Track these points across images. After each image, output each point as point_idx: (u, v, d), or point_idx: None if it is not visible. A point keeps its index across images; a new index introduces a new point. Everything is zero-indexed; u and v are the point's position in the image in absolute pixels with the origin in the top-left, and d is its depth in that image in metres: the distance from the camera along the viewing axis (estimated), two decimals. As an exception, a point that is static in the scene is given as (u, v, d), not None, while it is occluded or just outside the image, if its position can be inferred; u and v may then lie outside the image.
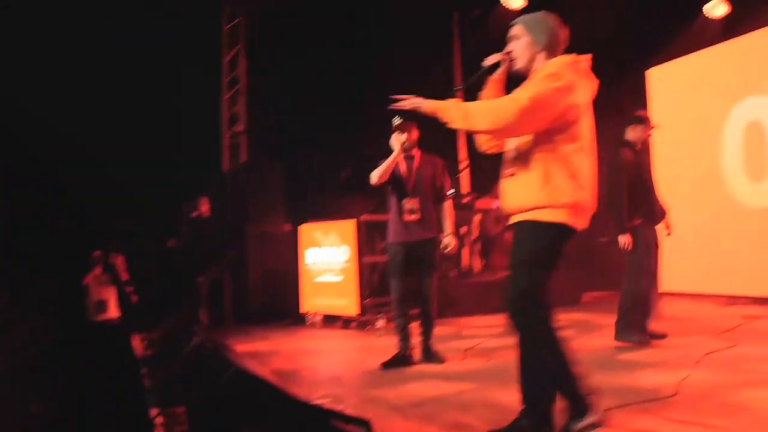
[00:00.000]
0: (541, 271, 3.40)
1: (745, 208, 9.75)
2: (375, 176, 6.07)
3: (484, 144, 3.77)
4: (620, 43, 11.55)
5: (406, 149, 6.20)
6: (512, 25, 3.66)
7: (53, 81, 9.96)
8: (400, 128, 6.18)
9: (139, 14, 10.76)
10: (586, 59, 3.50)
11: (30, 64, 9.77)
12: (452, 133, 3.92)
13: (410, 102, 3.54)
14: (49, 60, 9.90)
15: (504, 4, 12.15)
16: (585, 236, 3.67)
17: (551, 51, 3.53)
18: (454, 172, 9.23)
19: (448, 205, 6.31)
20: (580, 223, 3.46)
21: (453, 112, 3.38)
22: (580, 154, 3.42)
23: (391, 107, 3.61)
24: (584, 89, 3.45)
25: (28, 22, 9.74)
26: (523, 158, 3.45)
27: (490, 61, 3.64)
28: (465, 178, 11.93)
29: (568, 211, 3.39)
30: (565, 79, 3.33)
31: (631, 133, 6.64)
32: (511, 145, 3.57)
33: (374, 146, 7.15)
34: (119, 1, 10.37)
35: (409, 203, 6.11)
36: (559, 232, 3.40)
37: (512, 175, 3.49)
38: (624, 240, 6.33)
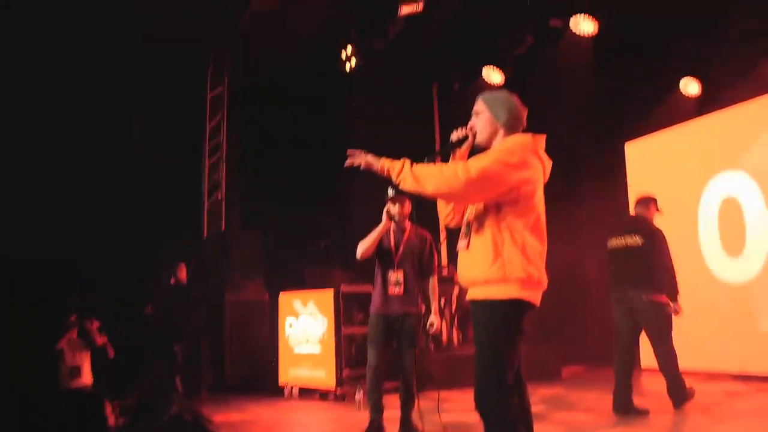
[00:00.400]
0: (502, 351, 3.35)
1: (723, 283, 9.80)
2: (360, 249, 6.08)
3: (443, 216, 3.87)
4: (600, 116, 11.73)
5: (396, 221, 6.25)
6: (476, 101, 3.77)
7: (42, 141, 9.94)
8: (393, 200, 6.22)
9: (123, 75, 10.80)
10: (541, 139, 3.62)
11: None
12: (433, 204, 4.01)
13: (361, 159, 3.56)
14: (33, 119, 9.90)
15: (485, 78, 12.33)
16: (564, 307, 3.71)
17: (510, 128, 3.65)
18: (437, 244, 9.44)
19: (433, 282, 6.25)
20: (536, 297, 3.47)
21: (403, 172, 3.45)
22: (532, 229, 3.47)
23: (345, 165, 3.64)
24: (538, 167, 3.55)
25: None
26: (475, 231, 3.55)
27: (456, 135, 3.75)
28: (443, 250, 12.04)
29: (519, 286, 3.41)
30: (519, 155, 3.44)
31: (649, 212, 7.07)
32: (466, 218, 3.65)
33: (356, 214, 7.18)
34: (108, 62, 10.41)
35: (395, 275, 6.13)
36: (514, 308, 3.40)
37: (466, 248, 3.56)
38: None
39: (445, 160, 3.75)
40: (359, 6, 11.43)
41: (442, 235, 9.14)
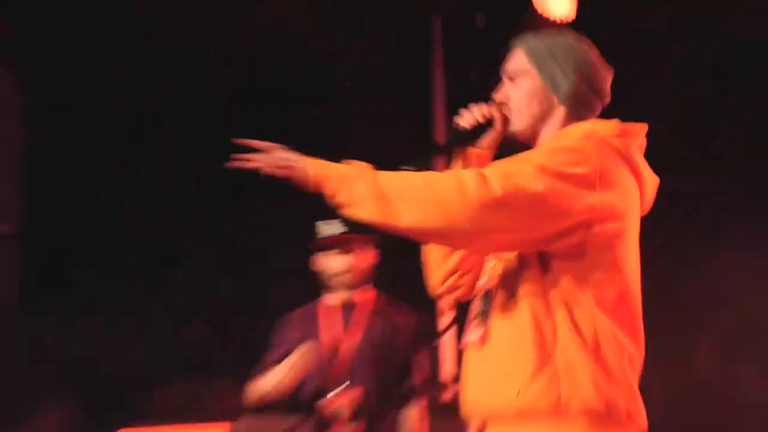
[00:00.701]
0: None
1: None
2: (256, 394, 3.37)
3: (437, 277, 2.14)
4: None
5: (338, 286, 3.45)
6: (510, 50, 2.09)
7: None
8: (335, 244, 3.40)
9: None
10: (638, 132, 2.01)
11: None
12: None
13: (267, 159, 1.91)
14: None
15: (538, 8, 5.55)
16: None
17: (579, 108, 2.03)
18: (430, 338, 6.16)
19: (416, 414, 3.40)
20: None
21: (358, 187, 1.83)
22: (614, 309, 1.89)
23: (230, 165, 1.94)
24: (632, 189, 1.96)
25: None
26: (500, 310, 1.96)
27: (468, 120, 2.04)
28: (449, 348, 6.25)
29: (589, 426, 1.85)
30: (593, 162, 1.86)
31: None
32: (482, 284, 2.07)
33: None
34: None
35: (338, 400, 3.30)
36: None
37: (481, 343, 1.98)
38: None
39: (446, 165, 2.09)
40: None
41: (442, 318, 6.28)
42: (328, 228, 3.41)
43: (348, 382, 3.29)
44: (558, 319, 1.87)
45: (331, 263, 3.42)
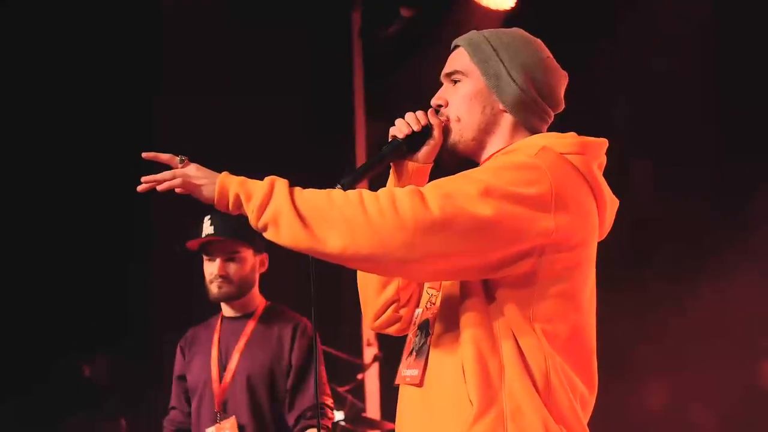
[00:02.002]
0: None
1: None
2: None
3: (371, 308, 1.95)
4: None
5: (221, 296, 3.12)
6: (452, 49, 1.88)
7: None
8: (201, 247, 3.10)
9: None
10: (597, 148, 1.79)
11: None
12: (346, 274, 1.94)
13: (175, 177, 1.73)
14: None
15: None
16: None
17: (529, 116, 1.81)
18: (351, 371, 5.38)
19: None
20: None
21: (272, 204, 1.64)
22: (565, 346, 1.71)
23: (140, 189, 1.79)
24: (591, 211, 1.75)
25: None
26: (440, 346, 1.76)
27: (402, 129, 1.81)
28: (372, 384, 5.86)
29: None
30: (546, 181, 1.65)
31: None
32: (418, 314, 1.88)
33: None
34: None
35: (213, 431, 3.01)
36: None
37: (418, 382, 1.76)
38: None
39: (369, 175, 1.90)
40: None
41: (368, 351, 5.84)
42: (207, 227, 3.09)
43: (220, 413, 3.02)
44: (505, 355, 1.66)
45: (206, 268, 3.11)
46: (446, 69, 1.85)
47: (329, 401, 3.12)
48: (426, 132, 1.81)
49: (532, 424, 1.64)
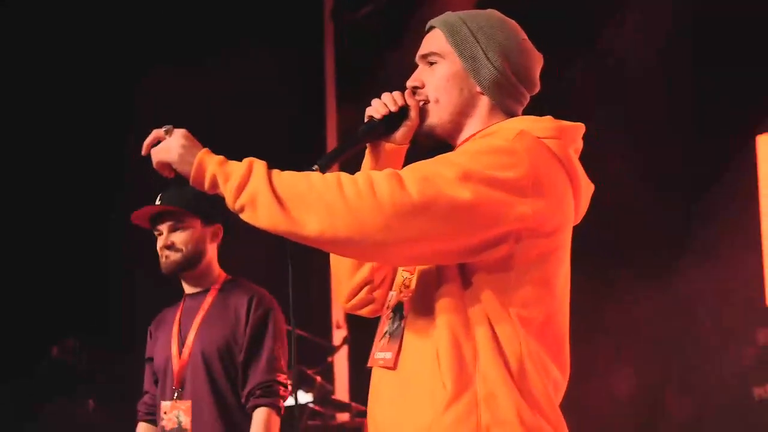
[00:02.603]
0: None
1: None
2: None
3: (344, 288, 1.94)
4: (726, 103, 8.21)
5: (170, 270, 3.07)
6: (427, 30, 1.86)
7: None
8: (148, 217, 3.05)
9: None
10: (574, 132, 1.79)
11: None
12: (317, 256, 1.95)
13: (167, 150, 1.71)
14: None
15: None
16: None
17: (505, 98, 1.82)
18: (322, 352, 5.37)
19: (263, 419, 2.93)
20: None
21: (250, 185, 1.62)
22: (540, 331, 1.72)
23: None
24: (567, 196, 1.75)
25: None
26: (413, 329, 1.76)
27: (378, 109, 1.81)
28: (342, 367, 5.92)
29: None
30: (524, 165, 1.65)
31: None
32: (392, 297, 1.87)
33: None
34: None
35: (171, 415, 2.96)
36: None
37: (392, 365, 1.76)
38: None
39: (346, 155, 1.89)
40: None
41: (337, 334, 5.77)
42: (160, 197, 3.03)
43: (178, 390, 2.97)
44: (479, 340, 1.66)
45: (157, 244, 3.05)
46: (422, 50, 1.83)
47: (282, 377, 2.98)
48: (403, 113, 1.79)
49: (506, 409, 1.64)
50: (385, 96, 1.81)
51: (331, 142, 6.08)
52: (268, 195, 1.59)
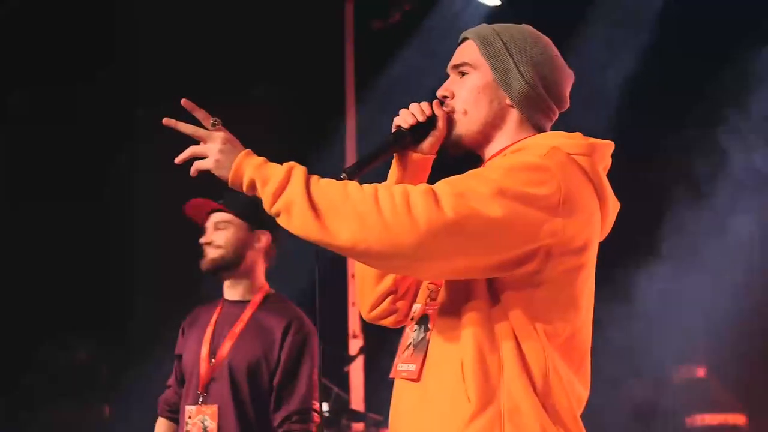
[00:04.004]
0: None
1: None
2: None
3: (367, 298, 1.94)
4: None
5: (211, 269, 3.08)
6: (460, 41, 1.88)
7: None
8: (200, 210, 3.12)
9: None
10: (605, 149, 1.79)
11: None
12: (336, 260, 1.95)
13: (209, 150, 1.70)
14: None
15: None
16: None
17: (532, 114, 1.82)
18: (338, 362, 5.45)
19: None
20: None
21: (288, 192, 1.62)
22: (565, 347, 1.72)
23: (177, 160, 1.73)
24: (595, 213, 1.75)
25: None
26: (440, 341, 1.75)
27: (406, 119, 1.81)
28: (357, 376, 5.87)
29: None
30: (556, 184, 1.65)
31: None
32: (416, 309, 1.86)
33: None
34: None
35: (194, 411, 2.95)
36: None
37: (416, 377, 1.76)
38: None
39: (374, 163, 1.85)
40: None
41: (353, 343, 5.69)
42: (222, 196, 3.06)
43: (203, 394, 2.95)
44: (505, 355, 1.66)
45: (205, 235, 3.08)
46: (454, 61, 1.84)
47: (317, 406, 3.00)
48: (431, 123, 1.80)
49: (529, 424, 1.63)
50: (413, 106, 1.81)
51: (349, 148, 6.10)
52: (304, 203, 1.59)
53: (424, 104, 1.81)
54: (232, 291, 3.09)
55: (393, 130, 1.82)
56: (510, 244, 1.62)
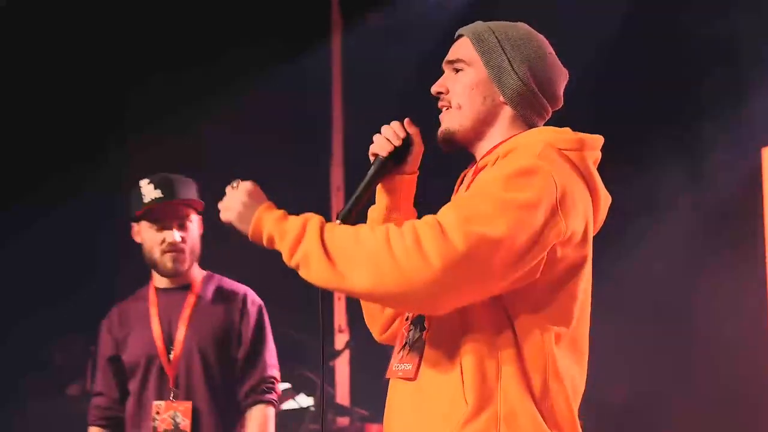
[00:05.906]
0: None
1: None
2: None
3: (377, 326, 1.97)
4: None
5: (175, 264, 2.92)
6: (455, 38, 1.87)
7: None
8: (153, 218, 2.90)
9: None
10: (594, 144, 1.79)
11: None
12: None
13: (232, 205, 1.77)
14: None
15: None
16: None
17: (525, 111, 1.82)
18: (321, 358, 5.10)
19: (267, 416, 2.94)
20: None
21: (304, 244, 1.66)
22: (564, 343, 1.73)
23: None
24: (588, 209, 1.75)
25: None
26: (437, 341, 1.74)
27: (383, 146, 1.84)
28: (343, 371, 5.87)
29: None
30: (552, 184, 1.66)
31: None
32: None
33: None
34: None
35: (163, 407, 2.87)
36: None
37: (413, 376, 1.76)
38: None
39: (364, 200, 1.87)
40: None
41: (339, 338, 5.58)
42: (151, 191, 2.87)
43: (174, 389, 2.88)
44: (503, 358, 1.67)
45: (153, 237, 2.87)
46: (449, 57, 1.85)
47: (277, 374, 2.98)
48: (407, 144, 1.82)
49: (525, 429, 1.64)
50: (386, 130, 1.84)
51: (336, 152, 6.10)
52: (319, 253, 1.62)
53: (396, 125, 1.83)
54: (168, 279, 2.95)
55: (371, 159, 1.84)
56: (522, 257, 1.62)
